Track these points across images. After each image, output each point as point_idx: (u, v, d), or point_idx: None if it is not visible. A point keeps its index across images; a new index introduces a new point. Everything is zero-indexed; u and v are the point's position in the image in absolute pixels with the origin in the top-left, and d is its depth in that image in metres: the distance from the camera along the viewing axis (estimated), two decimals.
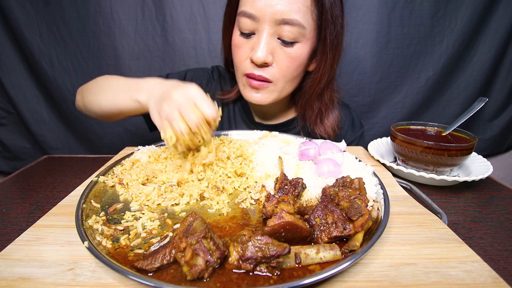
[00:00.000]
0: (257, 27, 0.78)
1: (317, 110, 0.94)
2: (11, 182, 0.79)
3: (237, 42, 0.83)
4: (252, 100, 0.87)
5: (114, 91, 0.76)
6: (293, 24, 0.74)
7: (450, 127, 0.82)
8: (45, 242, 0.47)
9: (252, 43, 0.80)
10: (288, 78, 0.84)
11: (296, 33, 0.76)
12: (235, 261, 0.39)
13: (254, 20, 0.77)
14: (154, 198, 0.56)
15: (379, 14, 1.34)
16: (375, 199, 0.54)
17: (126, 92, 0.72)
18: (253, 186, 0.61)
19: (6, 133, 1.49)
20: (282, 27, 0.75)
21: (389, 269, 0.41)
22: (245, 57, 0.82)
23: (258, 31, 0.78)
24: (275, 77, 0.82)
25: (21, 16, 1.27)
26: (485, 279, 0.39)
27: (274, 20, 0.74)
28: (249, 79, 0.84)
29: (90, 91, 0.84)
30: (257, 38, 0.78)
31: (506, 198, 0.70)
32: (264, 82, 0.83)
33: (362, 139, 1.08)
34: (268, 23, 0.76)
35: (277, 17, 0.74)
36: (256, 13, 0.75)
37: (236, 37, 0.84)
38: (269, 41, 0.78)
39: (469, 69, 1.45)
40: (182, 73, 1.03)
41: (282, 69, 0.81)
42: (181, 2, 1.30)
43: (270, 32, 0.77)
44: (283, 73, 0.82)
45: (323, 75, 0.86)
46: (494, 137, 1.61)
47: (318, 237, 0.45)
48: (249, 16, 0.77)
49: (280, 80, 0.83)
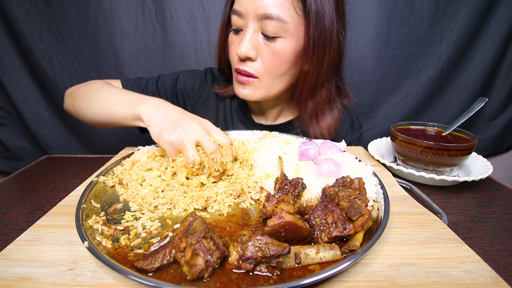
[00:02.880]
0: (244, 24, 0.81)
1: (310, 109, 0.92)
2: (11, 182, 0.79)
3: (230, 39, 0.87)
4: (240, 95, 0.89)
5: (111, 100, 0.76)
6: (272, 19, 0.76)
7: (450, 127, 0.82)
8: (45, 242, 0.47)
9: (240, 39, 0.82)
10: (274, 74, 0.84)
11: (277, 27, 0.77)
12: (235, 261, 0.39)
13: (241, 17, 0.80)
14: (150, 200, 0.56)
15: (379, 14, 1.34)
16: (375, 199, 0.54)
17: (126, 104, 0.72)
18: (253, 186, 0.61)
19: (6, 133, 1.49)
20: (264, 22, 0.77)
21: (389, 269, 0.41)
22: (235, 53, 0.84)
23: (245, 27, 0.81)
24: (259, 72, 0.83)
25: (21, 16, 1.27)
26: (485, 279, 0.39)
27: (256, 15, 0.77)
28: (238, 75, 0.86)
29: (83, 96, 0.83)
30: (243, 34, 0.81)
31: (506, 198, 0.70)
32: (249, 77, 0.85)
33: (361, 139, 1.08)
34: (252, 19, 0.78)
35: (259, 12, 0.76)
36: (242, 9, 0.78)
37: (230, 35, 0.87)
38: (252, 36, 0.80)
39: (469, 69, 1.45)
40: (174, 75, 1.02)
41: (266, 64, 0.82)
42: (181, 2, 1.30)
43: (254, 27, 0.79)
44: (267, 68, 0.83)
45: (313, 71, 0.85)
46: (494, 137, 1.61)
47: (318, 237, 0.45)
48: (238, 14, 0.80)
49: (266, 76, 0.84)
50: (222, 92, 1.01)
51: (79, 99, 0.84)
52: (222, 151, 0.63)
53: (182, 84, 1.01)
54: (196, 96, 1.03)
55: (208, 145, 0.60)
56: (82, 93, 0.84)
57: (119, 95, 0.77)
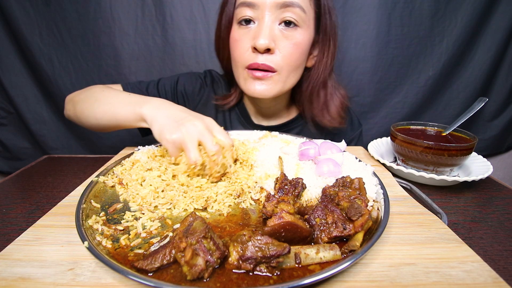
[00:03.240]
0: (257, 15, 0.78)
1: (323, 99, 0.94)
2: (11, 182, 0.79)
3: (237, 36, 0.83)
4: (256, 93, 0.84)
5: (113, 103, 0.76)
6: (294, 6, 0.76)
7: (450, 127, 0.82)
8: (45, 242, 0.46)
9: (253, 32, 0.79)
10: (292, 66, 0.83)
11: (298, 15, 0.77)
12: (235, 261, 0.39)
13: (254, 9, 0.77)
14: (150, 200, 0.56)
15: (379, 14, 1.34)
16: (375, 199, 0.54)
17: (128, 106, 0.72)
18: (253, 186, 0.61)
19: (6, 133, 1.49)
20: (283, 11, 0.76)
21: (389, 269, 0.41)
22: (246, 48, 0.81)
23: (259, 19, 0.78)
24: (279, 65, 0.81)
25: (21, 16, 1.27)
26: (485, 279, 0.39)
27: (276, 4, 0.75)
28: (252, 71, 0.82)
29: (85, 101, 0.83)
30: (258, 25, 0.79)
31: (506, 198, 0.70)
32: (267, 72, 0.82)
33: (360, 137, 1.08)
34: (269, 9, 0.76)
35: (278, 0, 0.75)
36: (256, 0, 0.76)
37: (235, 31, 0.83)
38: (271, 27, 0.78)
39: (469, 69, 1.45)
40: (174, 78, 1.02)
41: (285, 56, 0.80)
42: (181, 2, 1.30)
43: (271, 18, 0.77)
44: (286, 60, 0.81)
45: (326, 63, 0.88)
46: (494, 137, 1.61)
47: (318, 237, 0.45)
48: (249, 5, 0.77)
49: (284, 69, 0.82)
50: (222, 104, 0.99)
51: (81, 104, 0.83)
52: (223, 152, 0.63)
53: (183, 87, 1.01)
54: (197, 99, 1.02)
55: (210, 147, 0.60)
56: (83, 99, 0.84)
57: (121, 97, 0.77)
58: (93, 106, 0.79)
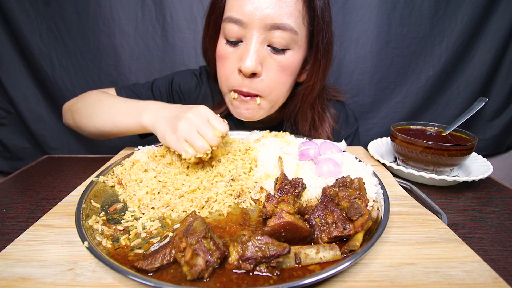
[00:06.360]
0: (245, 34, 0.71)
1: (310, 119, 0.91)
2: (11, 182, 0.79)
3: (223, 53, 0.76)
4: (242, 116, 0.82)
5: (112, 113, 0.76)
6: (285, 29, 0.69)
7: (450, 127, 0.82)
8: (45, 242, 0.47)
9: (240, 52, 0.73)
10: (280, 90, 0.79)
11: (288, 39, 0.71)
12: (235, 261, 0.39)
13: (241, 26, 0.70)
14: (147, 202, 0.56)
15: (379, 14, 1.34)
16: (375, 199, 0.54)
17: (127, 115, 0.72)
18: (253, 186, 0.61)
19: (6, 133, 1.49)
20: (272, 33, 0.70)
21: (389, 269, 0.41)
22: (232, 69, 0.76)
23: (246, 38, 0.72)
24: (266, 91, 0.77)
25: (21, 16, 1.27)
26: (485, 279, 0.39)
27: (264, 25, 0.69)
28: (238, 95, 0.79)
29: (82, 111, 0.82)
30: (245, 46, 0.72)
31: (506, 198, 0.70)
32: (255, 96, 0.78)
33: (357, 134, 1.06)
34: (257, 29, 0.69)
35: (267, 21, 0.68)
36: (244, 18, 0.69)
37: (222, 46, 0.76)
38: (259, 49, 0.71)
39: (469, 69, 1.46)
40: (169, 77, 1.01)
41: (271, 80, 0.75)
42: (181, 2, 1.30)
43: (259, 38, 0.71)
44: (273, 84, 0.76)
45: (315, 83, 0.82)
46: (494, 137, 1.61)
47: (318, 237, 0.45)
48: (236, 22, 0.70)
49: (272, 94, 0.78)
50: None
51: (79, 114, 0.83)
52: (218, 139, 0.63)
53: (178, 86, 1.00)
54: (193, 97, 1.01)
55: (211, 140, 0.60)
56: (80, 108, 0.83)
57: (118, 106, 0.77)
58: (92, 117, 0.80)
